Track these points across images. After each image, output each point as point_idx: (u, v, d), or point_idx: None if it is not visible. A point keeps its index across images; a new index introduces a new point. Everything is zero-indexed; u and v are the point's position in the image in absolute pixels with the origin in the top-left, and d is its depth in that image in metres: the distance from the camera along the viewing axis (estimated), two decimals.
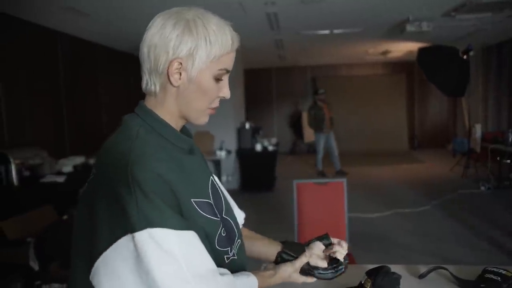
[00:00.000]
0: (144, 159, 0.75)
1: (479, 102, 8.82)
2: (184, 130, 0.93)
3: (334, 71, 10.88)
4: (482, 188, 5.89)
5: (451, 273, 1.26)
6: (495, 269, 1.33)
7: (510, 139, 5.72)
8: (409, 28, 5.47)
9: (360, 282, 1.21)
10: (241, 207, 1.16)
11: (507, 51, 7.78)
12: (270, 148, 6.57)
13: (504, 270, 1.33)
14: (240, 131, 6.73)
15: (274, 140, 7.10)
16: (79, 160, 4.85)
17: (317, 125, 7.30)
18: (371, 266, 1.25)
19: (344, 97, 10.29)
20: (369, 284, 1.17)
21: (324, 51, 8.47)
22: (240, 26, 6.41)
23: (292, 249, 1.12)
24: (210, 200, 0.86)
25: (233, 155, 6.44)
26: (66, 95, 5.41)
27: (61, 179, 4.13)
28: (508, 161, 6.79)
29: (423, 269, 1.41)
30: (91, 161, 5.02)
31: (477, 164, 6.63)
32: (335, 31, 6.35)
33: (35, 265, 2.90)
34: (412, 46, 7.94)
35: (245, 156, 6.46)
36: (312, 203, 2.60)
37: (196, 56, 0.80)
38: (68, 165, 4.55)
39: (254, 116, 9.78)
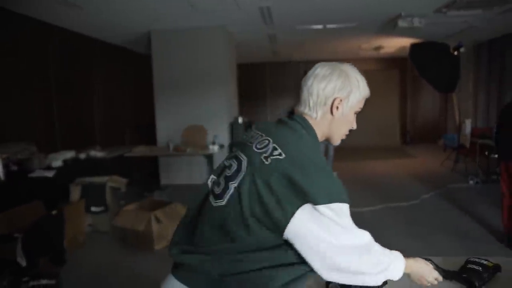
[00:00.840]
0: (324, 160, 1.07)
1: (469, 98, 8.90)
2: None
3: None
4: (471, 182, 5.97)
5: (435, 264, 1.28)
6: (477, 260, 1.37)
7: None
8: (401, 23, 5.50)
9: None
10: None
11: (497, 48, 7.84)
12: None
13: (486, 260, 1.36)
14: (233, 125, 6.72)
15: None
16: (69, 154, 4.82)
17: None
18: None
19: None
20: None
21: (318, 46, 8.47)
22: (234, 21, 6.47)
23: None
24: None
25: (226, 150, 6.43)
26: (57, 89, 5.36)
27: (50, 174, 4.10)
28: (496, 156, 6.89)
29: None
30: (82, 155, 4.99)
31: (467, 159, 6.70)
32: (329, 26, 6.36)
33: (22, 261, 2.88)
34: (404, 42, 7.97)
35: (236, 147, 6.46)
36: None
37: (351, 97, 1.15)
38: (58, 159, 4.52)
39: (247, 111, 9.76)
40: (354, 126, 1.23)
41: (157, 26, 6.14)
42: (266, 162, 1.03)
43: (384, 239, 1.67)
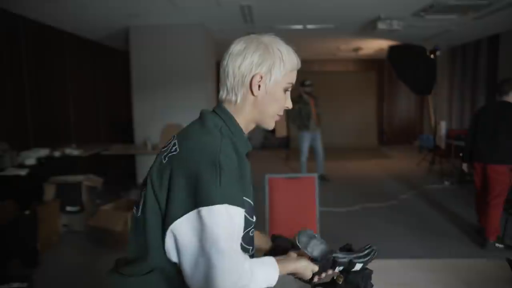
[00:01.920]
0: (227, 155, 0.93)
1: (444, 101, 9.15)
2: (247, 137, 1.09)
3: (307, 67, 10.94)
4: (446, 183, 6.13)
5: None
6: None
7: None
8: (380, 26, 5.58)
9: (332, 277, 1.20)
10: None
11: (471, 52, 8.09)
12: None
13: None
14: None
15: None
16: (43, 152, 4.65)
17: (302, 122, 6.30)
18: None
19: (316, 92, 10.36)
20: (341, 279, 1.18)
21: (297, 47, 8.46)
22: (213, 18, 6.40)
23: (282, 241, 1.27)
24: (252, 202, 1.02)
25: None
26: (30, 84, 5.17)
27: (23, 172, 3.95)
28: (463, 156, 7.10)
29: (392, 263, 1.43)
30: (57, 153, 4.83)
31: (442, 160, 6.88)
32: (308, 26, 6.39)
33: None
34: (382, 44, 8.11)
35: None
36: (284, 198, 2.61)
37: (273, 71, 1.02)
38: (31, 157, 4.36)
39: None
40: (289, 105, 1.09)
41: (136, 21, 6.01)
42: (163, 162, 0.97)
43: (362, 240, 1.69)
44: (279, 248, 1.26)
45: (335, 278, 1.19)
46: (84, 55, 6.79)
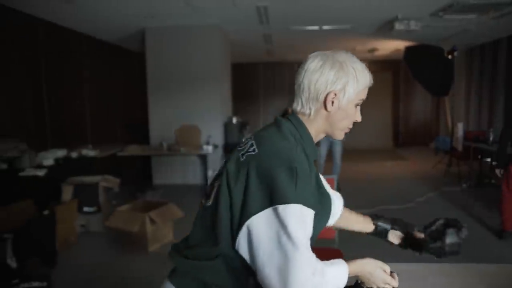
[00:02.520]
0: (302, 162, 1.00)
1: (461, 102, 8.98)
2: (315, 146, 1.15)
3: None
4: (464, 185, 6.00)
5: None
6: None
7: (491, 139, 5.83)
8: (398, 26, 5.50)
9: (357, 281, 1.18)
10: None
11: (490, 53, 7.92)
12: None
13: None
14: (227, 125, 6.67)
15: None
16: (60, 153, 4.71)
17: None
18: None
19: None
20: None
21: (312, 47, 8.36)
22: (229, 20, 6.39)
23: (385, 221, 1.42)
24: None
25: (220, 150, 6.38)
26: (48, 85, 5.25)
27: (41, 172, 4.01)
28: (489, 159, 6.95)
29: (413, 267, 1.40)
30: (74, 154, 4.89)
31: (459, 162, 6.75)
32: (324, 27, 6.34)
33: (12, 263, 2.79)
34: (398, 45, 8.00)
35: (232, 150, 6.41)
36: None
37: (347, 89, 1.05)
38: (49, 158, 4.42)
39: (241, 111, 9.71)
40: (358, 119, 1.14)
41: (152, 23, 6.06)
42: (241, 159, 1.01)
43: (379, 243, 1.66)
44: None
45: (359, 281, 1.16)
46: (100, 57, 6.87)
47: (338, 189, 5.69)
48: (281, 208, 0.90)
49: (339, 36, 7.10)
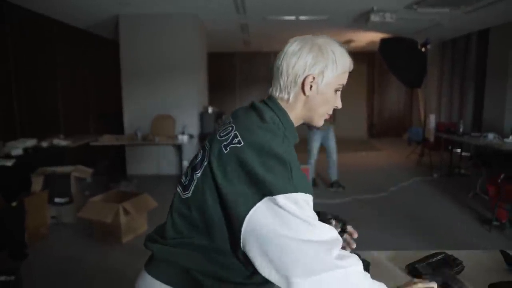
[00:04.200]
0: (292, 154, 0.98)
1: (433, 94, 9.22)
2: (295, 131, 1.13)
3: None
4: (435, 175, 6.19)
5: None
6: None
7: (461, 130, 6.03)
8: (374, 18, 5.57)
9: None
10: None
11: (461, 47, 8.14)
12: None
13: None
14: (203, 115, 6.61)
15: None
16: (30, 142, 4.55)
17: None
18: None
19: None
20: None
21: (289, 38, 8.41)
22: (206, 8, 6.28)
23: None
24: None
25: (195, 140, 6.32)
26: (17, 72, 5.03)
27: (9, 162, 3.86)
28: (459, 150, 7.18)
29: (391, 254, 1.43)
30: (44, 144, 4.73)
31: (431, 152, 6.95)
32: (301, 17, 6.34)
33: None
34: (374, 37, 8.10)
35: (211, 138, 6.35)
36: None
37: (325, 73, 1.04)
38: (17, 147, 4.26)
39: (217, 101, 9.64)
40: (339, 105, 1.12)
41: (126, 10, 5.89)
42: (225, 151, 0.96)
43: (358, 232, 1.69)
44: None
45: None
46: (73, 44, 6.63)
47: (314, 184, 5.57)
48: (281, 198, 0.86)
49: (315, 27, 7.11)
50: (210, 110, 6.67)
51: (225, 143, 0.98)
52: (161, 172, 6.43)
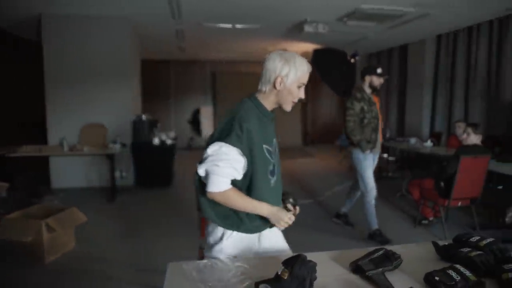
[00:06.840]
0: (244, 118, 1.55)
1: None
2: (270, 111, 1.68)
3: (233, 68, 10.97)
4: None
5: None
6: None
7: (387, 135, 6.43)
8: (307, 28, 5.76)
9: (277, 273, 1.17)
10: (139, 203, 1.05)
11: (385, 59, 8.75)
12: (168, 142, 6.29)
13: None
14: (136, 123, 6.28)
15: (172, 134, 6.82)
16: None
17: (366, 135, 3.79)
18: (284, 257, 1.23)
19: (241, 94, 10.34)
20: (286, 274, 1.15)
21: (225, 46, 8.45)
22: (139, 11, 6.04)
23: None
24: (271, 148, 1.66)
25: (128, 149, 6.00)
26: None
27: None
28: (385, 154, 7.65)
29: (331, 255, 1.45)
30: None
31: None
32: (237, 25, 6.37)
33: None
34: (307, 47, 8.39)
35: (141, 150, 6.07)
36: None
37: (290, 75, 1.57)
38: None
39: (151, 109, 9.29)
40: (302, 96, 1.63)
41: (50, 9, 5.46)
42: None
43: (293, 235, 1.75)
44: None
45: (279, 273, 1.15)
46: None
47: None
48: (222, 143, 1.51)
49: (251, 36, 7.20)
50: (144, 117, 6.38)
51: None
52: (91, 185, 6.00)
